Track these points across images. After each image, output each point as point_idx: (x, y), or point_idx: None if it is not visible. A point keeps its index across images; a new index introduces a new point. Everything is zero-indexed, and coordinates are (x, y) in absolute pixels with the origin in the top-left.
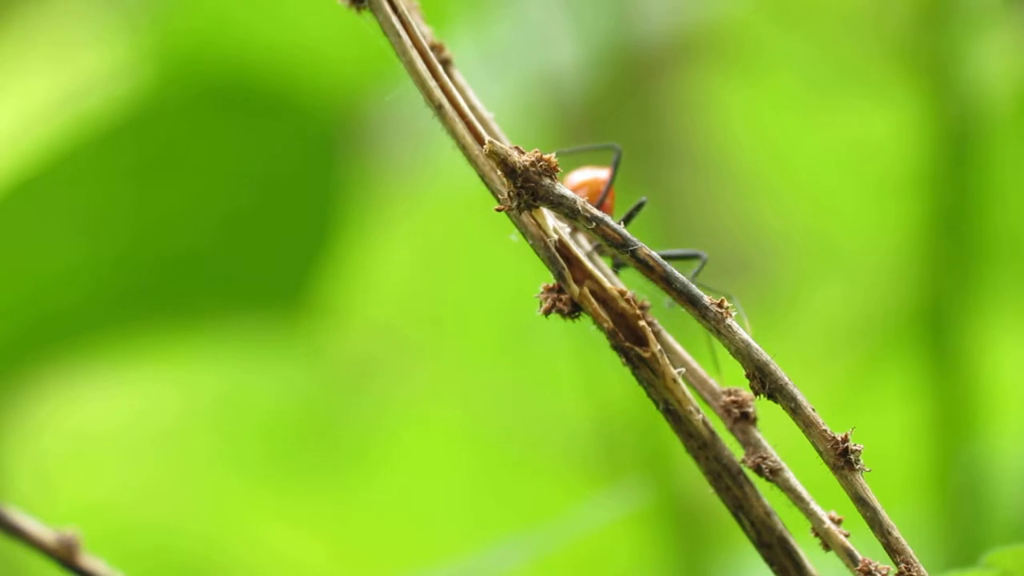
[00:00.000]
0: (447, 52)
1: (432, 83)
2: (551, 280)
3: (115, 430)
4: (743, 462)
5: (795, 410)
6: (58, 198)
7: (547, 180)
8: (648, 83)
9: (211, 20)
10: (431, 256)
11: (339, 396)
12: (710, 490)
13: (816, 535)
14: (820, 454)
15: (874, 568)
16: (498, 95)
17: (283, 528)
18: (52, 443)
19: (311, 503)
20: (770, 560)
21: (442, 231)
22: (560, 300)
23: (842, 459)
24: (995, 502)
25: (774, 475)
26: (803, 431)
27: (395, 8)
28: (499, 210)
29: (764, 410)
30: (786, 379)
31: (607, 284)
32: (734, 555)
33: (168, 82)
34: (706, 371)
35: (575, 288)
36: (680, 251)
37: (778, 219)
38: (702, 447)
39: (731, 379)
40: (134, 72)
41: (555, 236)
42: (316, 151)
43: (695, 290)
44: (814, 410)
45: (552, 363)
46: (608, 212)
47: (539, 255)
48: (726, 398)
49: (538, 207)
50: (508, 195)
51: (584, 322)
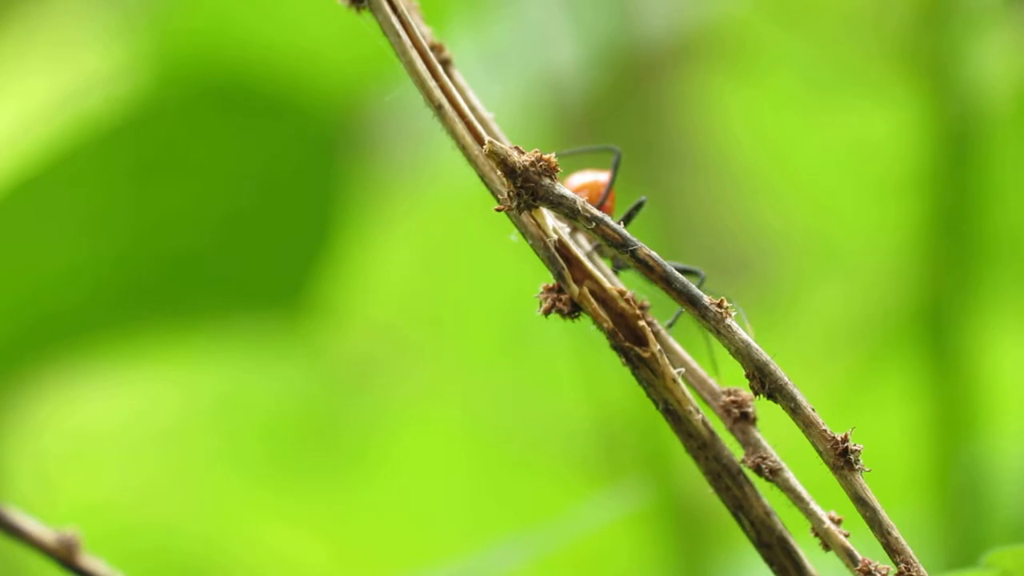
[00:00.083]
0: (447, 52)
1: (432, 83)
2: (551, 280)
3: (115, 430)
4: (743, 462)
5: (795, 410)
6: (58, 198)
7: (547, 180)
8: (648, 83)
9: (211, 20)
10: (431, 256)
11: (339, 396)
12: (710, 490)
13: (816, 535)
14: (820, 454)
15: (874, 568)
16: (498, 95)
17: (283, 528)
18: (52, 443)
19: (311, 503)
20: (770, 560)
21: (442, 231)
22: (560, 300)
23: (842, 459)
24: (995, 502)
25: (774, 475)
26: (803, 431)
27: (395, 8)
28: (499, 210)
29: (764, 410)
30: (786, 379)
31: (607, 284)
32: (734, 555)
33: (168, 82)
34: (705, 371)
35: (575, 288)
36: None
37: (778, 219)
38: (702, 447)
39: (731, 379)
40: (134, 72)
41: (555, 236)
42: (316, 151)
43: (695, 290)
44: (814, 410)
45: (552, 363)
46: (608, 214)
47: (539, 255)
48: (726, 398)
49: (538, 207)
50: (508, 195)
51: (584, 322)
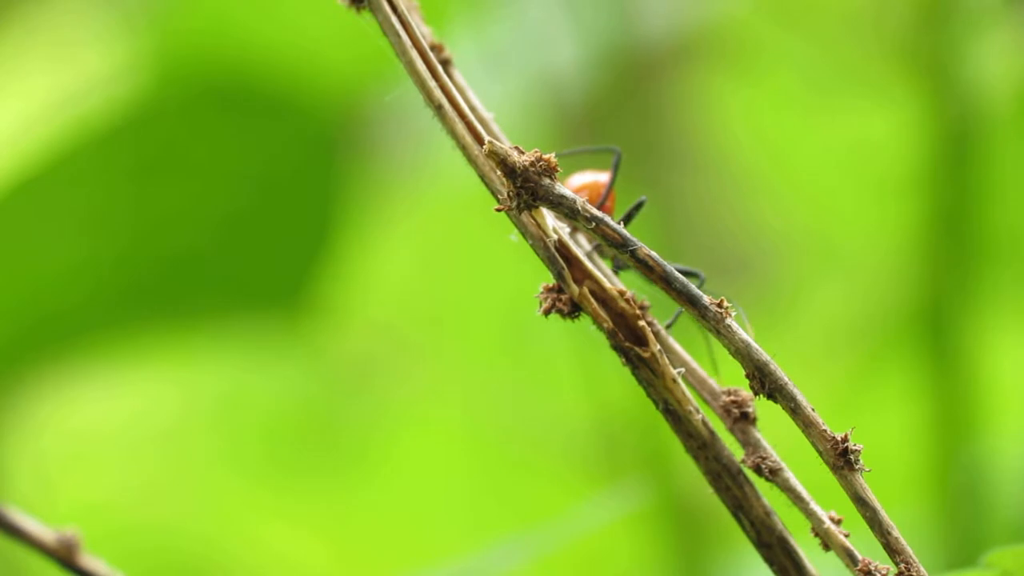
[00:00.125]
0: (447, 52)
1: (432, 83)
2: (551, 280)
3: (115, 430)
4: (743, 462)
5: (795, 410)
6: (58, 198)
7: (547, 180)
8: (648, 83)
9: (211, 20)
10: (431, 256)
11: (339, 396)
12: (710, 490)
13: (816, 535)
14: (820, 454)
15: (874, 568)
16: (498, 95)
17: (283, 528)
18: (52, 443)
19: (311, 503)
20: (770, 560)
21: (442, 231)
22: (560, 300)
23: (842, 459)
24: (995, 502)
25: (774, 475)
26: (803, 431)
27: (395, 8)
28: (499, 210)
29: (764, 410)
30: (786, 379)
31: (607, 284)
32: (734, 555)
33: (168, 82)
34: (705, 371)
35: (575, 288)
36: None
37: (778, 219)
38: (702, 447)
39: (731, 379)
40: (134, 72)
41: (555, 236)
42: (316, 151)
43: (695, 290)
44: (814, 410)
45: (552, 363)
46: (609, 214)
47: (539, 255)
48: (726, 398)
49: (538, 207)
50: (508, 195)
51: (584, 322)
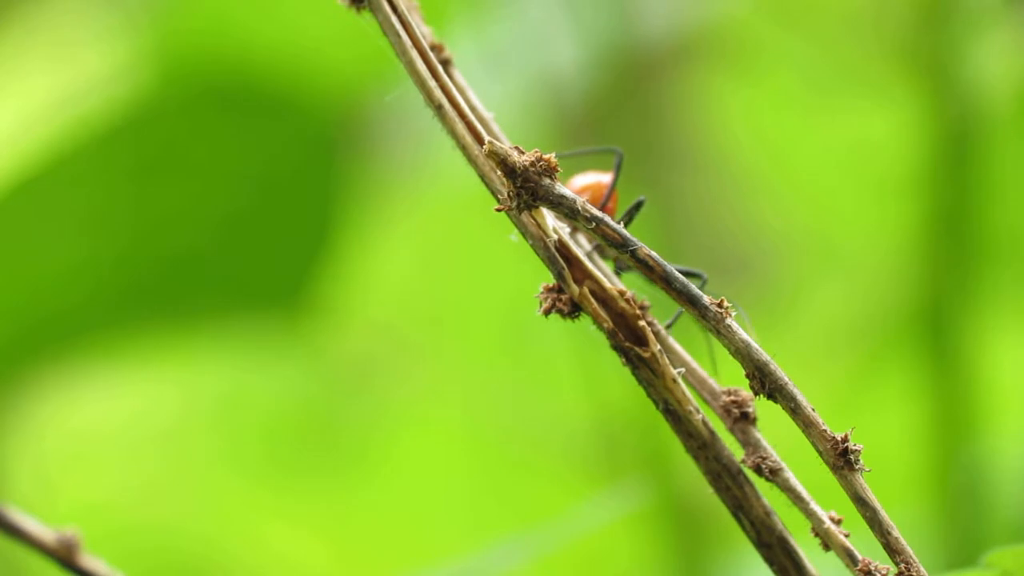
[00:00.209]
0: (447, 52)
1: (432, 83)
2: (551, 280)
3: (115, 430)
4: (743, 462)
5: (795, 410)
6: (58, 198)
7: (547, 180)
8: (648, 83)
9: (211, 20)
10: (431, 256)
11: (339, 396)
12: (710, 490)
13: (816, 535)
14: (820, 454)
15: (874, 568)
16: (498, 95)
17: (283, 528)
18: (52, 443)
19: (311, 503)
20: (770, 560)
21: (442, 231)
22: (560, 300)
23: (842, 459)
24: (995, 502)
25: (774, 475)
26: (803, 431)
27: (395, 8)
28: (499, 210)
29: (764, 410)
30: (786, 379)
31: (607, 284)
32: (734, 555)
33: (168, 82)
34: (706, 371)
35: (575, 288)
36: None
37: (778, 219)
38: (702, 447)
39: (731, 379)
40: (134, 72)
41: (555, 236)
42: (316, 151)
43: (695, 290)
44: (814, 410)
45: (552, 363)
46: (611, 215)
47: (539, 255)
48: (726, 398)
49: (538, 207)
50: (508, 195)
51: (584, 322)
